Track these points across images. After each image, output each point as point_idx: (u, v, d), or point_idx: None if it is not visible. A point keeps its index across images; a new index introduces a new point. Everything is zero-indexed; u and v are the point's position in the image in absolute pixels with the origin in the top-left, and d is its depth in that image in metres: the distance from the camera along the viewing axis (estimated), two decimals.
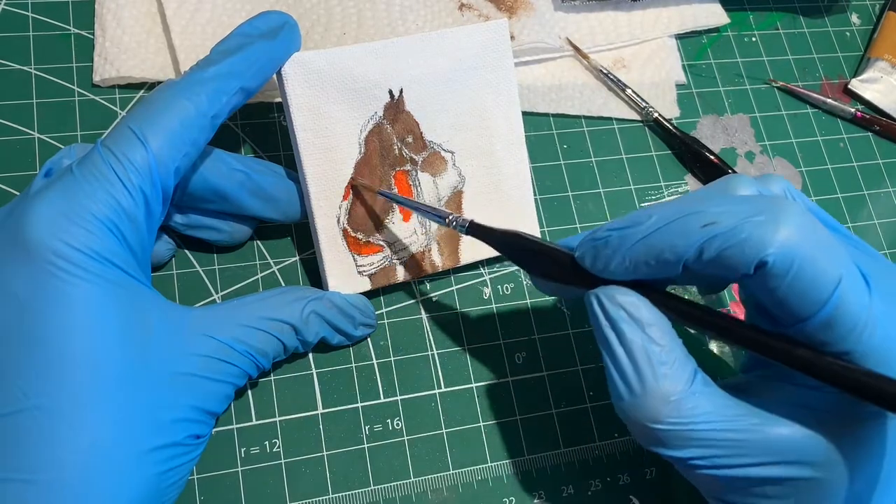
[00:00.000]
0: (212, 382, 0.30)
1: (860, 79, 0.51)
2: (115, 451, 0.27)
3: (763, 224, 0.26)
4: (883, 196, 0.48)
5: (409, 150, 0.38)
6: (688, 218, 0.28)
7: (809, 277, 0.26)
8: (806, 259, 0.26)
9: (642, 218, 0.29)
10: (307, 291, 0.35)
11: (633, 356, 0.28)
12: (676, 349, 0.29)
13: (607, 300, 0.29)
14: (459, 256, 0.39)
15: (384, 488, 0.36)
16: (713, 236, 0.27)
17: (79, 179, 0.28)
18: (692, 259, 0.27)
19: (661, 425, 0.28)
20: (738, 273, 0.27)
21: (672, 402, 0.28)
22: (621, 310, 0.29)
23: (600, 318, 0.29)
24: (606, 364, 0.29)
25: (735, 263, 0.26)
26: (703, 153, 0.45)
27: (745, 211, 0.27)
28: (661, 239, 0.28)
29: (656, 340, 0.28)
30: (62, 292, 0.27)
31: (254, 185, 0.35)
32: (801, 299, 0.26)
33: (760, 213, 0.26)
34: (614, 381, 0.29)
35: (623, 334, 0.29)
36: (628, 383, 0.28)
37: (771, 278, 0.26)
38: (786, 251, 0.26)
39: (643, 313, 0.29)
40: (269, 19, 0.33)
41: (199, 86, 0.30)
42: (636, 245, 0.28)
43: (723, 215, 0.27)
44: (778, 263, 0.26)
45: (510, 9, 0.45)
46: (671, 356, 0.28)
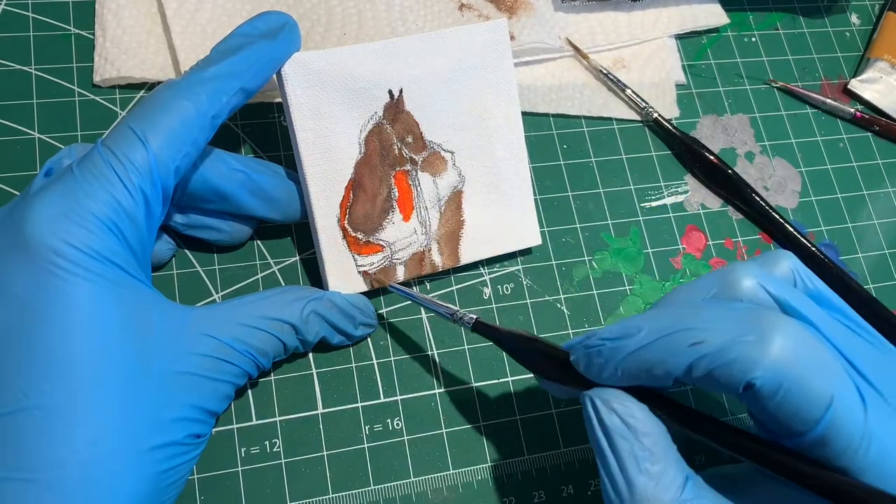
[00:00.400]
0: (212, 382, 0.30)
1: (860, 79, 0.51)
2: (115, 450, 0.27)
3: (751, 344, 0.26)
4: (883, 196, 0.48)
5: (409, 150, 0.38)
6: (677, 335, 0.27)
7: (799, 398, 0.26)
8: (795, 380, 0.25)
9: (632, 330, 0.28)
10: (307, 291, 0.35)
11: (622, 463, 0.28)
12: (669, 457, 0.28)
13: (602, 404, 0.29)
14: (459, 256, 0.39)
15: (384, 488, 0.36)
16: (701, 356, 0.27)
17: (79, 179, 0.28)
18: (682, 376, 0.27)
19: None
20: (727, 391, 0.27)
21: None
22: (615, 415, 0.29)
23: (593, 421, 0.29)
24: (599, 467, 0.29)
25: (724, 384, 0.26)
26: (703, 153, 0.45)
27: (735, 329, 0.26)
28: (651, 355, 0.28)
29: (648, 448, 0.28)
30: (62, 291, 0.27)
31: (254, 185, 0.35)
32: (791, 419, 0.26)
33: (750, 332, 0.26)
34: (605, 486, 0.29)
35: (614, 441, 0.28)
36: (618, 491, 0.28)
37: (760, 399, 0.26)
38: (774, 373, 0.25)
39: (637, 420, 0.29)
40: (269, 20, 0.33)
41: (199, 86, 0.30)
42: (627, 358, 0.28)
43: (712, 333, 0.27)
44: (766, 386, 0.26)
45: (510, 9, 0.45)
46: (662, 465, 0.28)
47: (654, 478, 0.28)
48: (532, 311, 0.41)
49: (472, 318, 0.34)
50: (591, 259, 0.42)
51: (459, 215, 0.39)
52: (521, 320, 0.40)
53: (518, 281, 0.41)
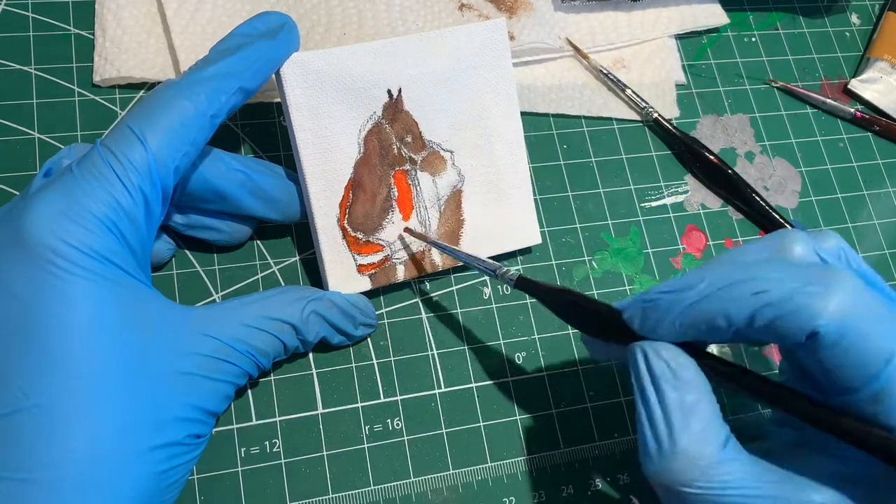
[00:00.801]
0: (212, 382, 0.30)
1: (860, 79, 0.51)
2: (115, 450, 0.27)
3: (815, 295, 0.26)
4: (883, 196, 0.48)
5: (408, 150, 0.38)
6: (740, 285, 0.27)
7: (860, 350, 0.26)
8: (858, 332, 0.26)
9: (693, 282, 0.28)
10: (308, 291, 0.35)
11: (669, 416, 0.28)
12: (713, 413, 0.28)
13: (653, 354, 0.29)
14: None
15: (384, 488, 0.36)
16: (765, 304, 0.26)
17: (78, 179, 0.28)
18: (743, 326, 0.27)
19: (691, 489, 0.27)
20: (789, 341, 0.27)
21: (702, 466, 0.27)
22: (665, 366, 0.29)
23: (642, 370, 0.29)
24: (640, 419, 0.29)
25: (787, 332, 0.26)
26: (703, 153, 0.45)
27: (798, 279, 0.27)
28: (713, 305, 0.28)
29: (695, 401, 0.28)
30: (61, 291, 0.27)
31: (253, 186, 0.35)
32: (851, 371, 0.26)
33: (813, 282, 0.26)
34: (645, 436, 0.29)
35: (662, 391, 0.28)
36: (660, 442, 0.28)
37: (821, 349, 0.26)
38: (837, 323, 0.26)
39: (686, 373, 0.29)
40: (269, 20, 0.33)
41: (198, 85, 0.30)
42: (687, 310, 0.28)
43: (775, 283, 0.27)
44: (829, 335, 0.26)
45: (510, 9, 0.45)
46: (707, 419, 0.28)
47: (697, 431, 0.28)
48: (532, 311, 0.41)
49: (515, 275, 0.34)
50: (591, 259, 0.42)
51: (459, 215, 0.39)
52: (521, 320, 0.40)
53: None
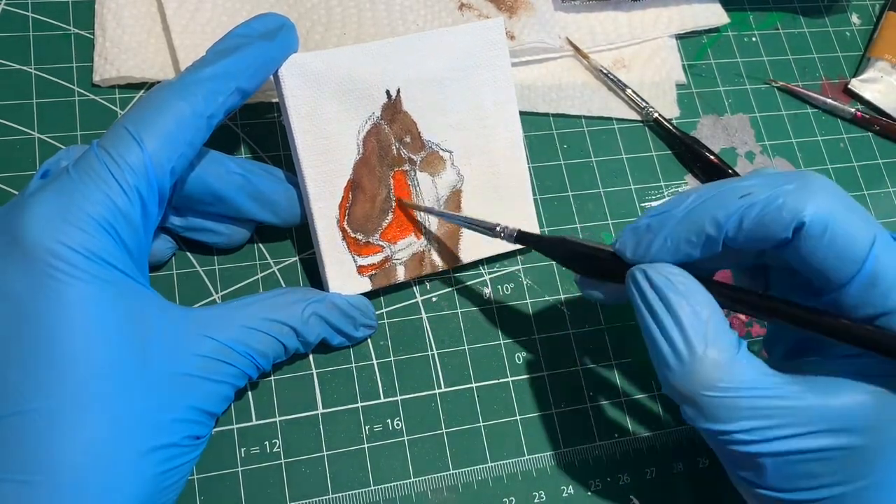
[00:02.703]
0: (211, 383, 0.30)
1: (860, 79, 0.51)
2: (114, 452, 0.27)
3: (796, 191, 0.28)
4: (883, 196, 0.48)
5: (407, 150, 0.38)
6: (725, 192, 0.29)
7: (845, 236, 0.27)
8: (840, 219, 0.27)
9: (680, 199, 0.30)
10: (308, 293, 0.35)
11: (681, 324, 0.29)
12: (721, 318, 0.29)
13: (653, 272, 0.30)
14: (459, 256, 0.39)
15: (384, 488, 0.36)
16: (751, 205, 0.28)
17: (74, 180, 0.28)
18: (732, 229, 0.29)
19: (714, 392, 0.28)
20: (776, 238, 0.28)
21: (722, 366, 0.28)
22: (667, 279, 0.30)
23: (646, 289, 0.30)
24: (652, 336, 0.30)
25: (774, 228, 0.28)
26: (703, 153, 0.45)
27: (777, 181, 0.29)
28: (702, 213, 0.29)
29: (702, 307, 0.29)
30: (59, 293, 0.27)
31: (252, 189, 0.35)
32: (838, 260, 0.28)
33: (791, 182, 0.28)
34: (662, 351, 0.29)
35: (670, 303, 0.29)
36: (677, 352, 0.29)
37: (808, 239, 0.28)
38: (820, 211, 0.27)
39: (687, 282, 0.30)
40: (267, 21, 0.33)
41: (195, 86, 0.30)
42: (679, 223, 0.30)
43: (757, 187, 0.29)
44: (815, 224, 0.27)
45: (510, 9, 0.45)
46: (717, 322, 0.29)
47: (711, 334, 0.29)
48: (532, 311, 0.41)
49: (514, 230, 0.35)
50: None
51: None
52: (521, 320, 0.40)
53: (518, 281, 0.41)
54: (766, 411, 0.28)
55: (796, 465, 0.29)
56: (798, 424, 0.28)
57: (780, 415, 0.28)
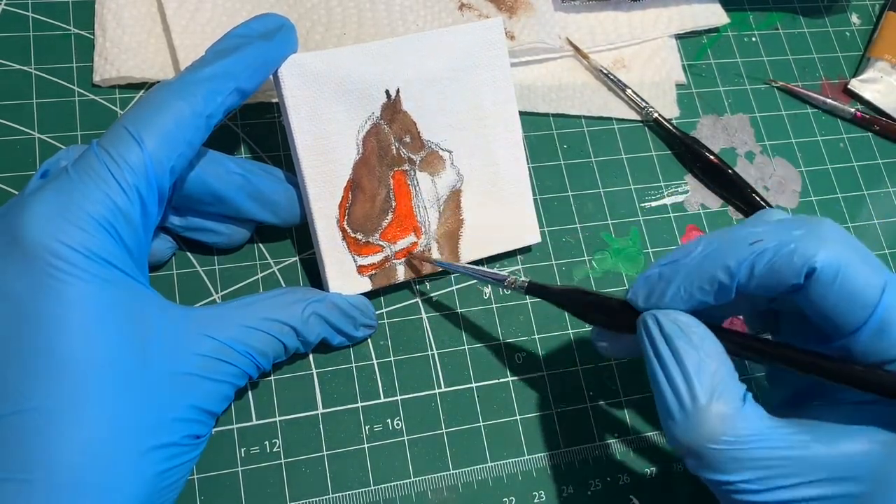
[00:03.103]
0: (211, 382, 0.30)
1: (860, 79, 0.51)
2: (114, 451, 0.27)
3: (806, 236, 0.28)
4: (883, 196, 0.48)
5: (407, 150, 0.38)
6: (735, 239, 0.29)
7: (856, 281, 0.27)
8: (851, 265, 0.27)
9: (690, 248, 0.30)
10: (308, 293, 0.35)
11: (687, 373, 0.29)
12: (729, 369, 0.29)
13: (665, 318, 0.30)
14: (459, 255, 0.39)
15: (384, 488, 0.36)
16: (762, 251, 0.28)
17: (74, 179, 0.28)
18: (745, 276, 0.28)
19: (718, 445, 0.28)
20: (788, 284, 0.28)
21: (727, 420, 0.28)
22: (677, 327, 0.30)
23: (656, 335, 0.30)
24: (659, 384, 0.29)
25: (786, 275, 0.28)
26: (703, 153, 0.45)
27: (787, 227, 0.29)
28: (714, 260, 0.29)
29: (710, 358, 0.29)
30: (59, 292, 0.27)
31: (252, 189, 0.35)
32: (849, 306, 0.27)
33: (800, 227, 0.28)
34: (667, 401, 0.29)
35: (678, 352, 0.29)
36: (682, 402, 0.29)
37: (820, 286, 0.27)
38: (831, 257, 0.27)
39: (698, 330, 0.30)
40: (266, 21, 0.33)
41: (195, 86, 0.30)
42: (689, 273, 0.30)
43: (767, 234, 0.29)
44: (826, 270, 0.27)
45: (510, 9, 0.45)
46: (724, 374, 0.29)
47: (717, 386, 0.28)
48: (532, 310, 0.41)
49: (525, 282, 0.35)
50: (591, 259, 0.42)
51: (458, 214, 0.39)
52: (521, 320, 0.40)
53: None
54: (769, 462, 0.28)
55: None
56: (802, 474, 0.28)
57: (784, 465, 0.28)
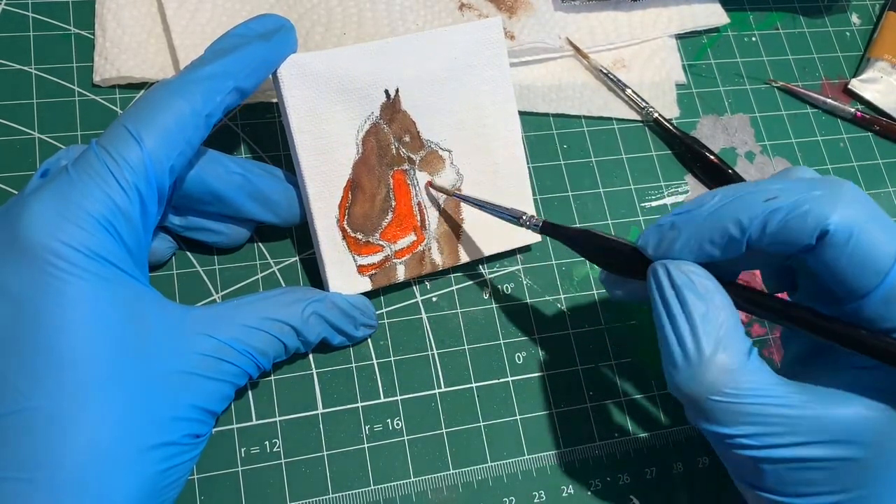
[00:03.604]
0: (211, 381, 0.30)
1: (860, 79, 0.51)
2: (113, 450, 0.27)
3: (822, 198, 0.28)
4: (883, 196, 0.48)
5: (406, 150, 0.38)
6: (751, 194, 0.29)
7: (869, 247, 0.27)
8: (865, 230, 0.27)
9: (706, 198, 0.30)
10: (309, 292, 0.35)
11: (694, 323, 0.29)
12: (736, 322, 0.29)
13: (674, 268, 0.30)
14: (459, 255, 0.39)
15: (384, 488, 0.36)
16: (776, 209, 0.28)
17: (74, 178, 0.28)
18: (756, 232, 0.28)
19: (718, 396, 0.28)
20: (800, 244, 0.28)
21: (730, 373, 0.28)
22: (687, 278, 0.30)
23: (665, 285, 0.30)
24: (665, 333, 0.30)
25: (798, 234, 0.28)
26: (703, 153, 0.45)
27: (805, 187, 0.28)
28: (726, 214, 0.29)
29: (718, 309, 0.29)
30: (58, 291, 0.27)
31: (252, 189, 0.35)
32: (860, 270, 0.27)
33: (819, 188, 0.28)
34: (671, 349, 0.29)
35: (687, 302, 0.29)
36: (686, 351, 0.29)
37: (832, 248, 0.27)
38: (845, 221, 0.27)
39: (707, 282, 0.30)
40: (266, 22, 0.33)
41: (194, 85, 0.30)
42: (703, 222, 0.29)
43: (784, 191, 0.28)
44: (839, 232, 0.27)
45: (510, 9, 0.45)
46: (731, 327, 0.29)
47: (723, 338, 0.29)
48: (532, 311, 0.41)
49: (539, 220, 0.35)
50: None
51: (458, 213, 0.39)
52: (521, 320, 0.40)
53: (518, 281, 0.41)
54: (769, 419, 0.28)
55: (796, 472, 0.29)
56: (800, 433, 0.28)
57: (784, 423, 0.28)
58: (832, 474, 0.28)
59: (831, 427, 0.28)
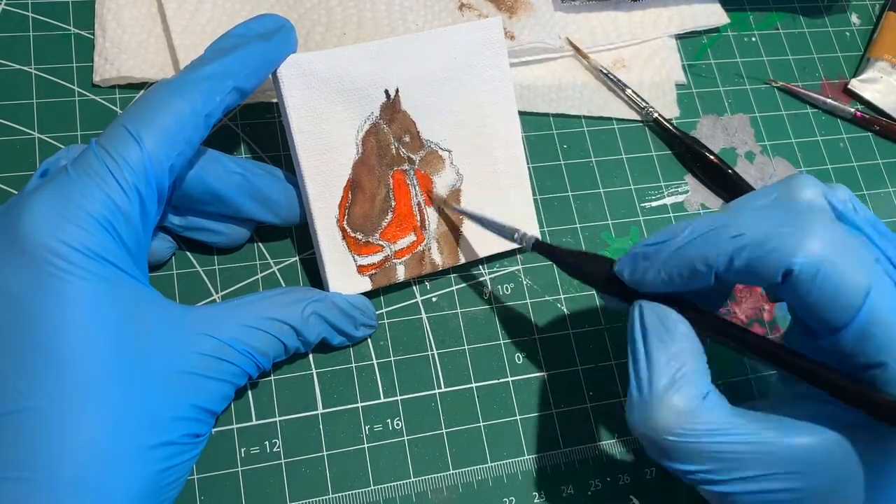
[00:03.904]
0: (211, 381, 0.30)
1: (860, 79, 0.51)
2: (113, 449, 0.27)
3: (789, 235, 0.27)
4: (883, 196, 0.48)
5: (406, 150, 0.38)
6: (718, 230, 0.29)
7: (838, 283, 0.27)
8: (833, 268, 0.27)
9: (676, 231, 0.30)
10: (309, 292, 0.35)
11: (651, 363, 0.30)
12: (696, 365, 0.30)
13: (648, 310, 0.31)
14: (459, 255, 0.39)
15: (384, 488, 0.36)
16: (742, 247, 0.28)
17: (73, 178, 0.28)
18: (723, 269, 0.29)
19: (671, 437, 0.29)
20: (766, 281, 0.28)
21: (681, 413, 0.28)
22: (656, 319, 0.30)
23: (636, 324, 0.31)
24: (629, 370, 0.30)
25: (763, 272, 0.28)
26: (703, 153, 0.45)
27: (774, 222, 0.28)
28: (694, 250, 0.29)
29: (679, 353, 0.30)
30: (58, 290, 0.27)
31: (252, 189, 0.35)
32: (831, 306, 0.27)
33: (787, 224, 0.28)
34: (630, 386, 0.30)
35: (649, 342, 0.30)
36: (641, 389, 0.29)
37: (798, 286, 0.27)
38: (811, 259, 0.27)
39: (676, 326, 0.30)
40: (266, 22, 0.33)
41: (193, 84, 0.30)
42: (671, 256, 0.30)
43: (751, 227, 0.28)
44: (804, 272, 0.27)
45: (510, 9, 0.45)
46: (688, 369, 0.29)
47: (677, 379, 0.29)
48: (532, 311, 0.41)
49: (533, 237, 0.36)
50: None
51: (458, 214, 0.39)
52: (521, 320, 0.40)
53: (518, 281, 0.41)
54: (726, 455, 0.28)
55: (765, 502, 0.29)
56: (759, 466, 0.28)
57: (740, 458, 0.28)
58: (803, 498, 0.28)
59: (788, 458, 0.28)
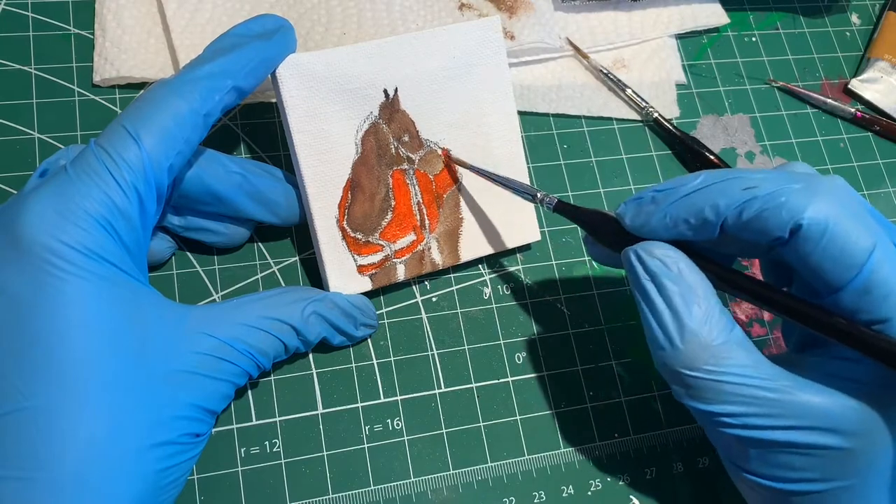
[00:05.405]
0: (211, 381, 0.30)
1: (860, 79, 0.51)
2: (113, 449, 0.27)
3: (800, 191, 0.28)
4: (883, 196, 0.48)
5: (405, 149, 0.38)
6: (731, 181, 0.29)
7: (843, 243, 0.27)
8: (839, 225, 0.27)
9: (688, 179, 0.30)
10: (309, 292, 0.35)
11: (672, 305, 0.29)
12: (714, 300, 0.30)
13: (645, 253, 0.31)
14: (459, 254, 0.39)
15: (384, 488, 0.36)
16: (753, 198, 0.28)
17: (72, 178, 0.28)
18: (731, 219, 0.29)
19: (698, 373, 0.29)
20: (773, 235, 0.28)
21: (711, 349, 0.29)
22: (659, 262, 0.30)
23: (639, 270, 0.31)
24: (645, 317, 0.30)
25: (772, 225, 0.28)
26: (703, 153, 0.45)
27: (786, 179, 0.29)
28: (704, 197, 0.29)
29: (694, 288, 0.29)
30: (57, 290, 0.27)
31: (251, 188, 0.35)
32: (835, 265, 0.27)
33: (799, 181, 0.28)
34: (654, 331, 0.30)
35: (662, 285, 0.30)
36: (667, 332, 0.29)
37: (805, 242, 0.28)
38: (820, 216, 0.27)
39: (680, 264, 0.30)
40: (265, 22, 0.33)
41: (193, 84, 0.30)
42: (679, 201, 0.30)
43: (763, 181, 0.29)
44: (812, 227, 0.27)
45: (510, 9, 0.45)
46: (709, 306, 0.29)
47: (702, 315, 0.29)
48: (532, 311, 0.41)
49: (555, 198, 0.35)
50: (592, 259, 0.42)
51: (458, 213, 0.39)
52: (521, 320, 0.40)
53: (518, 281, 0.41)
54: (749, 399, 0.29)
55: (780, 456, 0.29)
56: (782, 417, 0.28)
57: (764, 405, 0.28)
58: (817, 462, 0.28)
59: (812, 414, 0.28)
